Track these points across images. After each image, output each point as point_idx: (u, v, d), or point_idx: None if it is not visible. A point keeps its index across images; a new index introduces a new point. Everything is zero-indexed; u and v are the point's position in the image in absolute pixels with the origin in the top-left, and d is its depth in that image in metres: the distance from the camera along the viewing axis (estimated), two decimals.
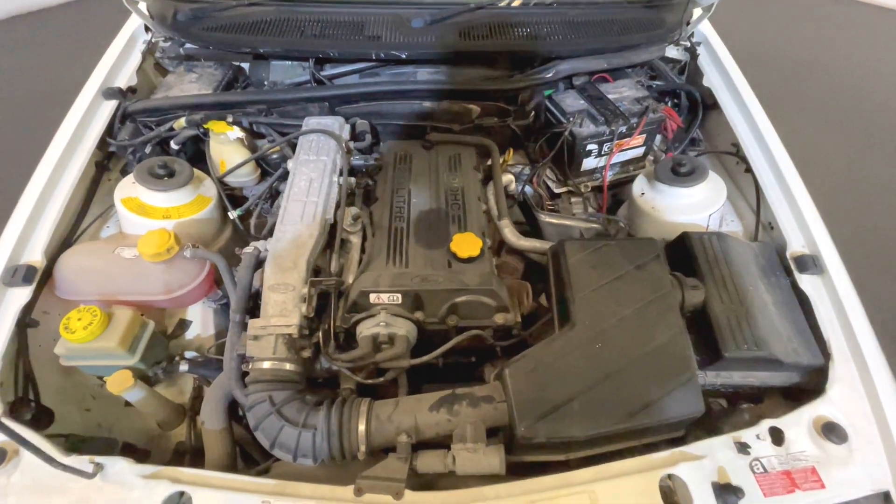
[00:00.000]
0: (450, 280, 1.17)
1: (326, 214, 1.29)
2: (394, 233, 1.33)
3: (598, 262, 1.22)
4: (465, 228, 1.35)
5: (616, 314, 1.13)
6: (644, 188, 1.57)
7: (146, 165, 1.38)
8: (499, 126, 1.66)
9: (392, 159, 1.58)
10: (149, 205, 1.37)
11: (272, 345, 1.09)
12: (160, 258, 1.20)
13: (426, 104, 1.59)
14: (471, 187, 1.49)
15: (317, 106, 1.60)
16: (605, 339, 1.10)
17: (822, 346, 1.18)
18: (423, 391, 1.27)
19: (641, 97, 1.75)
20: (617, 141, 1.68)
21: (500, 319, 1.19)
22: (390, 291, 1.16)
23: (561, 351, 1.09)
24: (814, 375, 1.17)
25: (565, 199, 1.83)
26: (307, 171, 1.34)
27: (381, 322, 1.11)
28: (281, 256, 1.19)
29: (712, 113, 1.80)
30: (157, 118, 1.59)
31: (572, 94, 1.77)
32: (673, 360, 1.08)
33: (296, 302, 1.14)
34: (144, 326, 1.23)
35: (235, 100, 1.56)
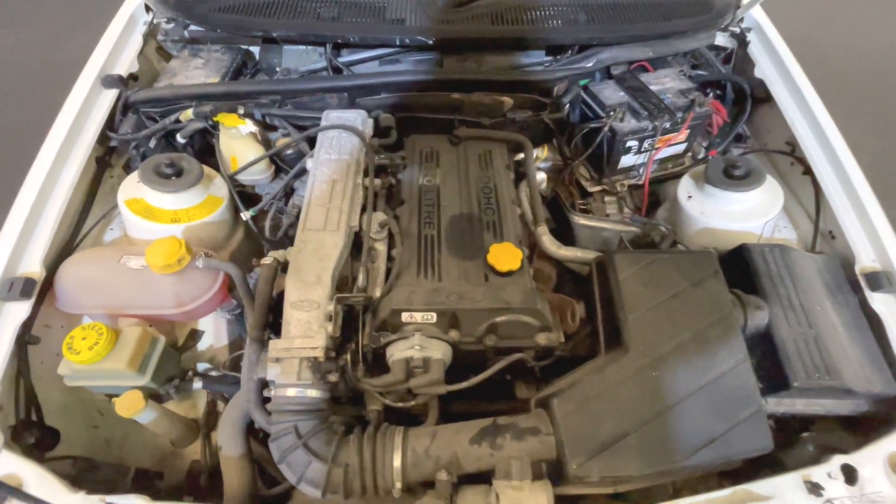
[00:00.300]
0: (490, 298, 1.06)
1: (351, 221, 1.17)
2: (424, 241, 1.22)
3: (651, 279, 1.11)
4: (500, 236, 1.24)
5: (673, 338, 1.03)
6: (691, 190, 1.45)
7: (152, 163, 1.25)
8: (533, 120, 1.53)
9: (417, 156, 1.46)
10: (155, 207, 1.26)
11: (296, 369, 1.00)
12: (170, 270, 1.09)
13: (455, 95, 1.46)
14: (504, 188, 1.37)
15: (335, 97, 1.46)
16: (661, 367, 1.00)
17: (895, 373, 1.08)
18: (453, 410, 1.19)
19: (686, 89, 1.61)
20: (660, 137, 1.55)
21: (543, 340, 1.09)
22: (425, 310, 1.05)
23: (613, 379, 0.99)
24: (885, 405, 1.08)
25: (598, 199, 1.71)
26: (329, 172, 1.22)
27: (416, 346, 1.01)
28: (303, 269, 1.08)
29: (762, 107, 1.66)
30: (161, 109, 1.46)
31: (611, 86, 1.63)
32: (737, 392, 0.98)
33: (321, 321, 1.03)
34: (155, 343, 1.13)
35: (247, 90, 1.42)
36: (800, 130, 1.44)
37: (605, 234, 1.59)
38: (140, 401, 1.08)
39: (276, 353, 1.01)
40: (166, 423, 1.20)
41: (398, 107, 1.49)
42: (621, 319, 1.06)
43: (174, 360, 1.22)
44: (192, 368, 1.30)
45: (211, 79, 1.56)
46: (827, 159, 1.37)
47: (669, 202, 1.65)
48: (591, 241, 1.61)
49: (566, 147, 1.59)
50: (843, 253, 1.27)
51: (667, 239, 1.42)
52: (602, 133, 1.52)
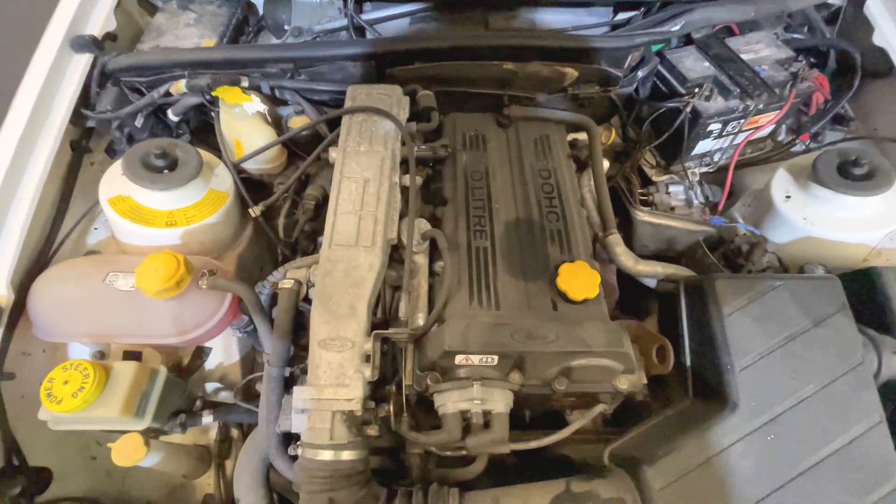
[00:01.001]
0: (566, 338, 0.86)
1: (389, 233, 0.94)
2: (475, 255, 1.00)
3: (764, 314, 0.89)
4: (569, 250, 1.01)
5: (792, 393, 0.83)
6: (790, 189, 1.20)
7: (138, 153, 1.01)
8: (598, 97, 1.25)
9: (460, 140, 1.20)
10: (145, 207, 1.03)
11: (328, 425, 0.81)
12: (168, 294, 0.88)
13: (507, 66, 1.18)
14: (568, 185, 1.13)
15: (360, 66, 1.19)
16: (778, 430, 0.81)
17: None
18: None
19: (786, 59, 1.32)
20: (751, 118, 1.28)
21: (625, 385, 0.89)
22: (485, 353, 0.85)
23: (719, 445, 0.81)
24: None
25: (661, 188, 1.46)
26: (359, 169, 0.98)
27: (476, 400, 0.81)
28: (332, 298, 0.86)
29: (875, 83, 1.37)
30: (148, 78, 1.19)
31: (693, 53, 1.33)
32: (872, 462, 0.80)
33: (356, 363, 0.84)
34: (154, 376, 0.94)
35: (252, 56, 1.15)
36: None
37: (671, 234, 1.36)
38: (141, 448, 0.91)
39: (304, 405, 0.82)
40: (174, 462, 1.04)
41: (434, 79, 1.21)
42: (726, 366, 0.86)
43: (179, 390, 1.03)
44: (202, 396, 1.12)
45: (206, 38, 1.28)
46: None
47: (749, 197, 1.41)
48: (653, 239, 1.39)
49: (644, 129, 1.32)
50: None
51: (758, 248, 1.18)
52: (683, 115, 1.25)
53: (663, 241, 1.38)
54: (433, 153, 1.05)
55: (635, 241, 1.40)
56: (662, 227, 1.35)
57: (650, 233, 1.37)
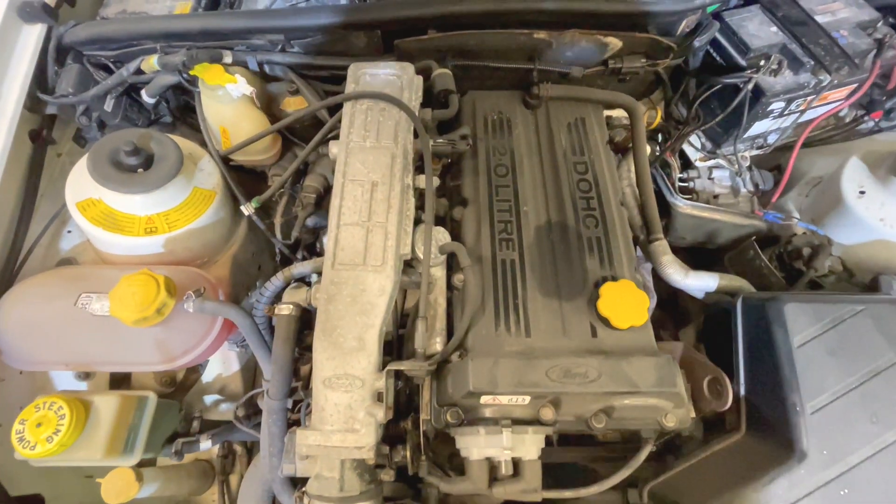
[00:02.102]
0: (612, 377, 0.73)
1: (402, 248, 0.80)
2: (501, 270, 0.86)
3: (840, 345, 0.77)
4: (610, 263, 0.87)
5: (871, 440, 0.72)
6: (865, 183, 1.04)
7: (105, 150, 0.86)
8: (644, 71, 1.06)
9: (481, 126, 1.03)
10: (120, 213, 0.89)
11: (337, 475, 0.71)
12: (147, 323, 0.76)
13: (539, 35, 0.98)
14: (608, 181, 0.97)
15: (363, 36, 1.00)
16: (854, 483, 0.71)
17: None
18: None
19: (868, 21, 1.11)
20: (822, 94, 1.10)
21: (672, 422, 0.78)
22: (516, 394, 0.73)
23: (784, 499, 0.71)
24: None
25: (703, 174, 1.30)
26: (364, 170, 0.83)
27: (505, 448, 0.71)
28: (338, 328, 0.74)
29: None
30: (114, 52, 1.01)
31: (758, 15, 1.12)
32: None
33: (367, 404, 0.73)
34: (142, 407, 0.85)
35: (234, 26, 0.96)
36: None
37: (714, 227, 1.21)
38: (132, 484, 0.83)
39: (308, 451, 0.72)
40: (174, 487, 0.97)
41: (453, 51, 1.03)
42: (794, 407, 0.74)
43: (173, 412, 0.94)
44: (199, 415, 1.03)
45: (180, 2, 1.09)
46: None
47: (807, 186, 1.24)
48: (692, 232, 1.25)
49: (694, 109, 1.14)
50: None
51: (822, 253, 1.03)
52: (743, 92, 1.06)
53: (704, 233, 1.24)
54: (452, 147, 0.89)
55: (672, 231, 1.25)
56: (705, 220, 1.20)
57: (691, 225, 1.23)
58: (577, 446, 0.98)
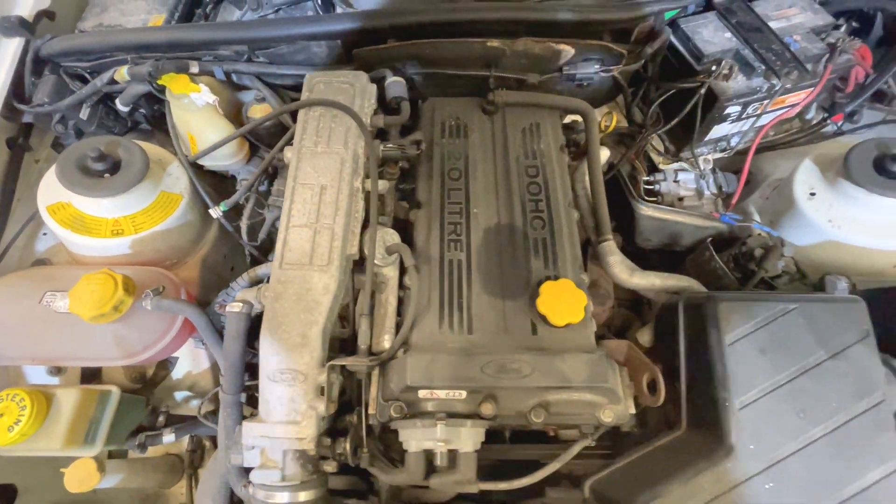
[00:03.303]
0: (544, 372, 0.76)
1: (348, 249, 0.84)
2: (448, 270, 0.89)
3: (771, 343, 0.78)
4: (554, 264, 0.90)
5: (798, 435, 0.74)
6: (816, 185, 1.05)
7: (73, 157, 0.91)
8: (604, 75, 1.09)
9: (438, 131, 1.07)
10: (88, 216, 0.94)
11: (280, 464, 0.75)
12: (105, 320, 0.80)
13: (492, 43, 1.02)
14: (558, 183, 1.00)
15: (324, 46, 1.04)
16: (779, 477, 0.73)
17: None
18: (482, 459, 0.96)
19: (822, 27, 1.13)
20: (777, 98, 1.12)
21: (609, 417, 0.80)
22: (452, 388, 0.76)
23: (710, 492, 0.72)
24: None
25: (670, 177, 1.32)
26: (314, 174, 0.86)
27: (439, 441, 0.73)
28: (283, 325, 0.78)
29: None
30: (90, 63, 1.07)
31: (713, 21, 1.15)
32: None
33: (310, 398, 0.76)
34: (105, 400, 0.89)
35: (199, 38, 1.01)
36: None
37: (677, 229, 1.23)
38: (94, 474, 0.87)
39: (253, 441, 0.75)
40: (139, 478, 1.01)
41: (412, 60, 1.07)
42: (724, 404, 0.76)
43: (138, 407, 0.98)
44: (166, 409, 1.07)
45: (154, 15, 1.14)
46: None
47: (768, 188, 1.26)
48: (656, 234, 1.26)
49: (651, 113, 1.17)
50: None
51: (773, 254, 1.05)
52: (697, 97, 1.09)
53: (668, 235, 1.26)
54: (402, 152, 0.92)
55: (638, 234, 1.27)
56: (667, 222, 1.22)
57: (654, 227, 1.24)
58: (535, 443, 1.00)
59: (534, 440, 1.00)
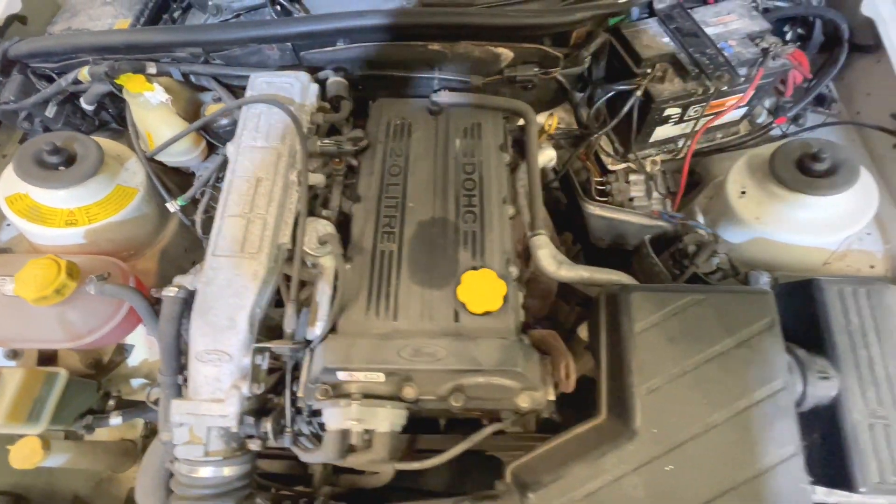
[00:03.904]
0: (455, 356, 0.80)
1: (280, 238, 0.88)
2: (379, 260, 0.93)
3: (680, 332, 0.81)
4: (481, 254, 0.94)
5: (700, 420, 0.76)
6: (746, 184, 1.08)
7: (30, 150, 0.97)
8: (541, 79, 1.14)
9: (383, 130, 1.11)
10: (44, 206, 0.99)
11: (203, 439, 0.79)
12: (48, 302, 0.85)
13: (433, 46, 1.07)
14: (493, 180, 1.04)
15: (276, 49, 1.10)
16: (679, 459, 0.75)
17: None
18: (422, 448, 0.99)
19: (758, 32, 1.17)
20: (713, 102, 1.15)
21: (526, 403, 0.84)
22: (368, 370, 0.80)
23: (612, 473, 0.75)
24: None
25: (621, 178, 1.35)
26: (251, 167, 0.91)
27: (353, 420, 0.77)
28: (212, 309, 0.82)
29: (863, 60, 1.21)
30: (56, 64, 1.13)
31: (653, 28, 1.19)
32: (780, 497, 0.73)
33: (234, 378, 0.80)
34: (51, 381, 0.93)
35: (156, 40, 1.07)
36: None
37: (625, 228, 1.26)
38: (38, 451, 0.91)
39: (180, 418, 0.79)
40: (88, 459, 1.05)
41: (359, 61, 1.12)
42: (629, 389, 0.78)
43: (88, 391, 1.02)
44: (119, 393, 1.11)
45: (120, 18, 1.20)
46: None
47: (713, 187, 1.29)
48: (607, 233, 1.30)
49: (585, 112, 1.21)
50: None
51: (705, 249, 1.08)
52: (633, 98, 1.13)
53: (617, 235, 1.29)
54: (338, 148, 0.97)
55: (590, 233, 1.31)
56: (614, 221, 1.25)
57: (602, 226, 1.28)
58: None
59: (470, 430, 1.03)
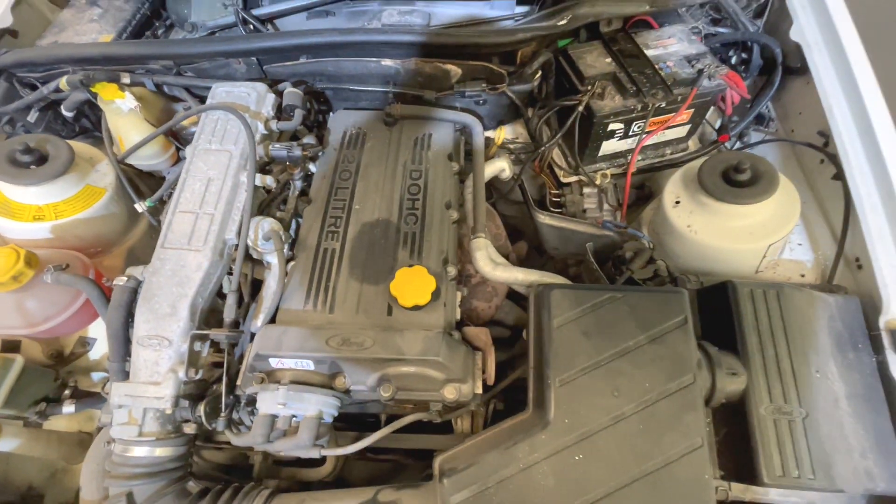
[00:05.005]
0: (381, 345, 0.84)
1: (226, 233, 0.94)
2: (321, 257, 0.99)
3: (596, 327, 0.85)
4: (419, 254, 0.99)
5: (610, 411, 0.80)
6: (680, 194, 1.14)
7: (4, 149, 1.04)
8: (490, 94, 1.21)
9: (339, 138, 1.19)
10: (13, 201, 1.06)
11: (139, 420, 0.82)
12: (5, 288, 0.91)
13: (386, 62, 1.15)
14: (438, 186, 1.10)
15: (243, 63, 1.18)
16: (589, 449, 0.78)
17: None
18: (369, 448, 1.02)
19: (695, 55, 1.24)
20: (652, 118, 1.22)
21: (451, 394, 0.87)
22: (297, 357, 0.84)
23: (524, 461, 0.78)
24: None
25: (576, 190, 1.41)
26: (205, 168, 0.98)
27: (280, 403, 0.81)
28: (156, 296, 0.87)
29: (796, 81, 1.28)
30: (40, 74, 1.22)
31: (597, 48, 1.27)
32: (684, 488, 0.76)
33: (172, 362, 0.85)
34: (7, 366, 0.98)
35: (130, 53, 1.16)
36: (838, 118, 1.07)
37: (576, 237, 1.31)
38: None
39: (119, 400, 0.84)
40: (40, 447, 1.08)
41: (320, 75, 1.20)
42: (547, 381, 0.82)
43: (44, 379, 1.07)
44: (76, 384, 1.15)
45: (104, 35, 1.30)
46: (868, 162, 1.02)
47: (658, 200, 1.34)
48: (560, 242, 1.35)
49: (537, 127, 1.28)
50: (867, 289, 0.97)
51: (641, 256, 1.13)
52: (576, 113, 1.20)
53: (570, 244, 1.34)
54: (287, 152, 1.04)
55: (545, 243, 1.36)
56: (565, 231, 1.31)
57: (554, 236, 1.33)
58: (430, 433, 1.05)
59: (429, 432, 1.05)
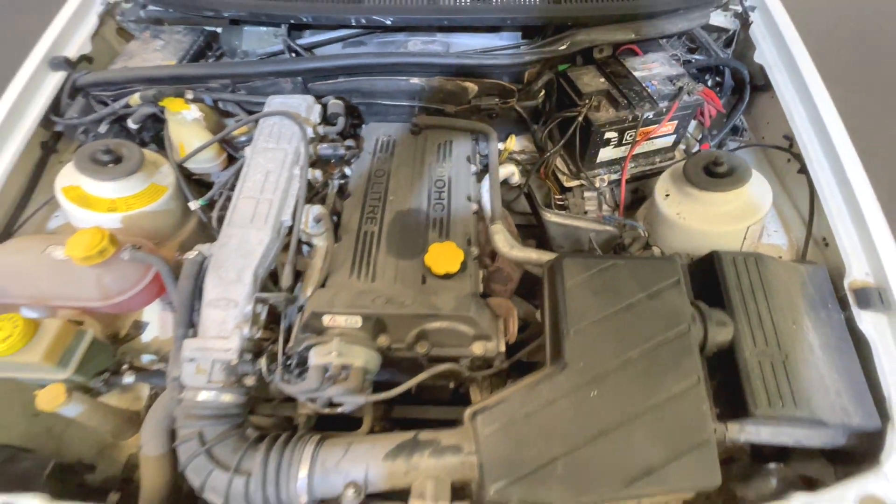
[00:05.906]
0: (419, 303, 0.98)
1: (282, 216, 1.10)
2: (363, 238, 1.14)
3: (602, 287, 1.00)
4: (446, 235, 1.14)
5: (618, 355, 0.92)
6: (669, 188, 1.31)
7: (88, 150, 1.21)
8: (501, 108, 1.41)
9: (372, 145, 1.37)
10: (92, 195, 1.21)
11: (208, 371, 0.94)
12: (91, 261, 1.04)
13: (414, 80, 1.35)
14: (461, 182, 1.27)
15: (289, 82, 1.38)
16: (602, 387, 0.90)
17: (879, 405, 0.95)
18: (397, 416, 1.13)
19: (675, 75, 1.46)
20: (642, 129, 1.42)
21: (479, 349, 1.00)
22: (347, 314, 0.97)
23: (546, 398, 0.90)
24: (865, 440, 0.95)
25: (577, 194, 1.59)
26: (263, 163, 1.15)
27: (333, 351, 0.93)
28: (223, 266, 1.01)
29: (763, 97, 1.49)
30: (112, 92, 1.41)
31: (592, 71, 1.49)
32: (685, 418, 0.88)
33: (238, 321, 0.98)
34: (80, 336, 1.10)
35: (194, 73, 1.36)
36: (798, 124, 1.28)
37: (579, 234, 1.47)
38: (61, 395, 1.05)
39: (190, 353, 0.96)
40: (98, 417, 1.17)
41: (355, 92, 1.40)
42: (563, 332, 0.96)
43: (106, 353, 1.18)
44: (131, 361, 1.26)
45: (167, 61, 1.51)
46: (825, 157, 1.21)
47: (650, 201, 1.52)
48: (566, 239, 1.50)
49: (542, 137, 1.47)
50: (835, 263, 1.12)
51: (638, 241, 1.29)
52: (576, 123, 1.39)
53: (574, 240, 1.50)
54: (333, 150, 1.21)
55: (551, 240, 1.52)
56: (570, 228, 1.47)
57: (561, 233, 1.49)
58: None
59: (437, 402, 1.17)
